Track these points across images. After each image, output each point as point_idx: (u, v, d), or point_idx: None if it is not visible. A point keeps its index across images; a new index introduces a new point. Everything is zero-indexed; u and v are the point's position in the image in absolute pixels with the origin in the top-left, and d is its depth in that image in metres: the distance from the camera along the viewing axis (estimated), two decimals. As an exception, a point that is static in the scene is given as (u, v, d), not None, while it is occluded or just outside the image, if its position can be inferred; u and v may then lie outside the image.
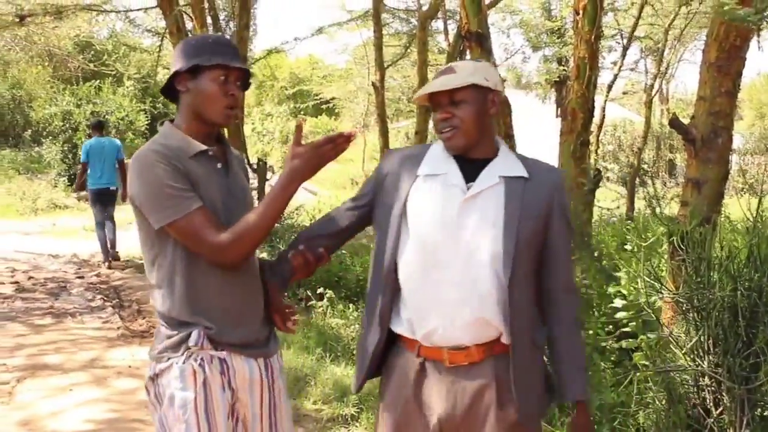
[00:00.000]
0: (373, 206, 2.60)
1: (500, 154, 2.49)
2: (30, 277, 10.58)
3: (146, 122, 24.03)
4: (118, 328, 7.72)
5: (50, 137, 21.39)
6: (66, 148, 20.67)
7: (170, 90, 2.64)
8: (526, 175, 2.44)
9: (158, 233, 2.49)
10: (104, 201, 11.18)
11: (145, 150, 2.48)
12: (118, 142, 11.89)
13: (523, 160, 2.51)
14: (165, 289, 2.53)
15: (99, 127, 11.73)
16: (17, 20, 11.73)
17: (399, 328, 2.50)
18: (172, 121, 2.66)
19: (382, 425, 2.58)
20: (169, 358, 2.51)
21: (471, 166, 2.44)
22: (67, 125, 20.62)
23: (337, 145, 2.38)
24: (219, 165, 2.62)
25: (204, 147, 2.55)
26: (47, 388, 5.93)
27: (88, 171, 11.11)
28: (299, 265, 2.51)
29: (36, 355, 6.83)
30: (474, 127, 2.41)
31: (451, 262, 2.37)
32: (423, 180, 2.47)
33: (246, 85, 2.69)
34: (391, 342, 2.56)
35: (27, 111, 28.64)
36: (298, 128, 2.46)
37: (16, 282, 10.21)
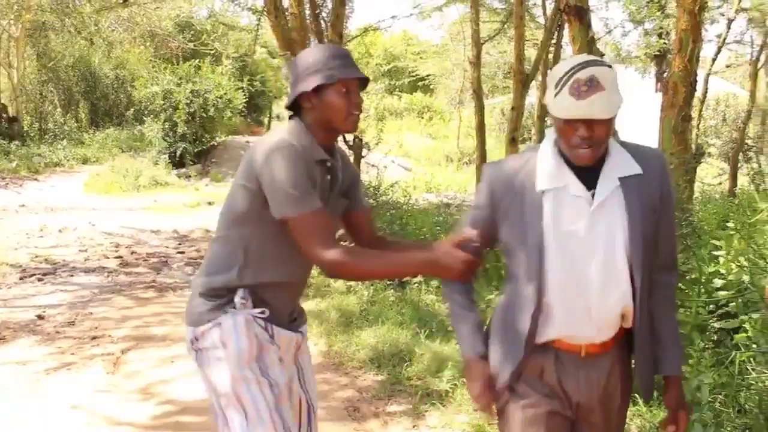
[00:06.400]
0: (495, 222, 2.56)
1: (612, 152, 2.44)
2: (133, 252, 10.94)
3: (244, 100, 24.37)
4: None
5: (151, 116, 21.88)
6: (167, 127, 21.06)
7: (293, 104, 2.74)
8: (640, 171, 2.42)
9: (261, 212, 2.58)
10: None
11: (287, 142, 2.53)
12: None
13: (631, 151, 2.47)
14: (233, 260, 2.67)
15: None
16: (121, 1, 12.07)
17: (541, 339, 2.51)
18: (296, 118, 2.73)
19: (519, 412, 2.54)
20: (209, 320, 2.67)
21: (586, 171, 2.41)
22: (168, 104, 20.97)
23: (468, 268, 2.50)
24: (329, 177, 2.71)
25: (326, 157, 2.66)
26: (152, 359, 6.13)
27: None
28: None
29: (141, 327, 7.07)
30: (606, 142, 2.38)
31: (590, 272, 2.39)
32: (547, 197, 2.43)
33: (364, 86, 2.75)
34: None
35: (129, 90, 29.49)
36: (464, 239, 2.52)
37: (120, 257, 10.57)
